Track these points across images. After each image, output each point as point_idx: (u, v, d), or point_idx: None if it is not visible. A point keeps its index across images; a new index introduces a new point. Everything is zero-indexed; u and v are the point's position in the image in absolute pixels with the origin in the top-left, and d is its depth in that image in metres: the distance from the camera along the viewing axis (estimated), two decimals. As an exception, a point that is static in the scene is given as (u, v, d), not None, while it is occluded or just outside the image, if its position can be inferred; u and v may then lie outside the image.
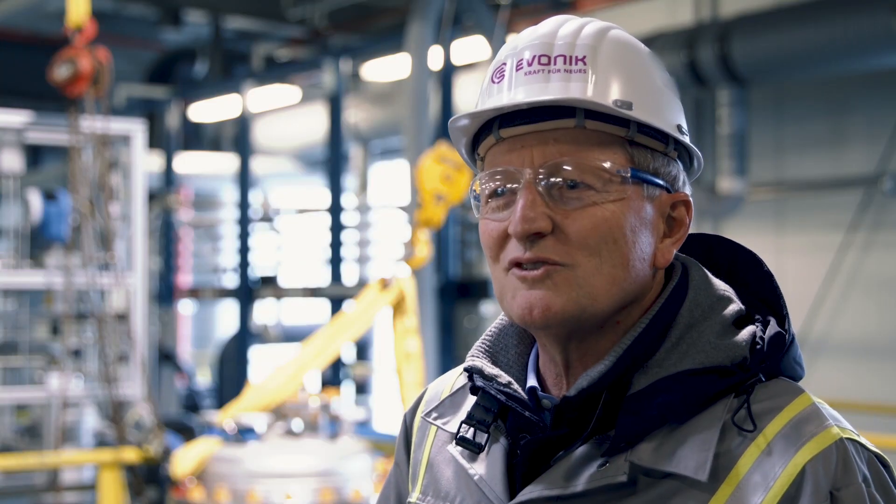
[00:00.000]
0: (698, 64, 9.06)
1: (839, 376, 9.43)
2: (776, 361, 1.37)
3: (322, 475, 7.02)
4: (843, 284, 9.45)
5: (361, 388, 13.82)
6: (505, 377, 1.43)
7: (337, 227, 12.31)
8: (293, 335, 13.02)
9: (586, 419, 1.35)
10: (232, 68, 14.52)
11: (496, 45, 9.81)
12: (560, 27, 1.40)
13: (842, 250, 9.42)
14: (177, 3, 12.71)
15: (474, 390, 1.46)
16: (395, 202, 12.65)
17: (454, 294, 11.08)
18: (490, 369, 1.44)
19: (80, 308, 8.98)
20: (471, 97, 11.12)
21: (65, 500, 8.76)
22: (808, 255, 9.77)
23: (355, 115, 12.86)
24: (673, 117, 1.41)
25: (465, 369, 1.47)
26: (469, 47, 11.30)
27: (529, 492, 1.35)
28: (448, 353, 10.90)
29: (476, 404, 1.44)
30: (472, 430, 1.43)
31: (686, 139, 1.41)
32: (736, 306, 1.40)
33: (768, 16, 8.87)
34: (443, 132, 10.68)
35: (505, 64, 1.40)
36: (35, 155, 15.36)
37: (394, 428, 10.39)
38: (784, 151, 10.18)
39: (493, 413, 1.43)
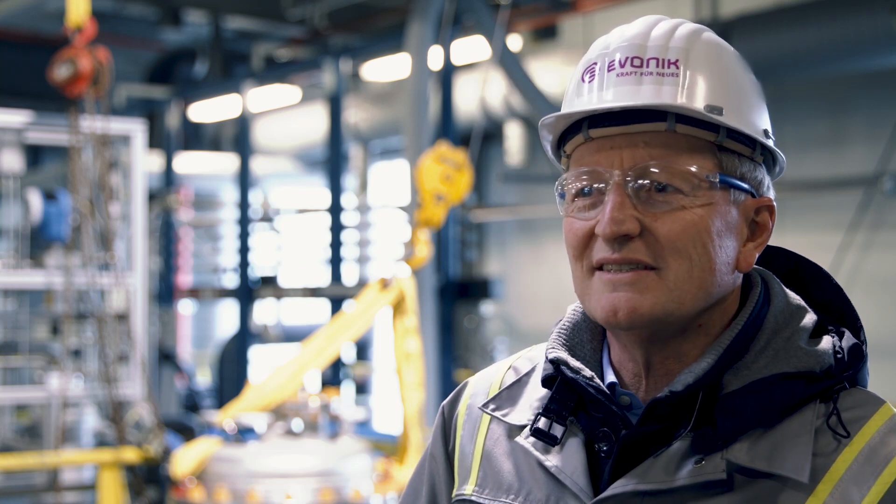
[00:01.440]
0: (698, 64, 9.05)
1: (839, 376, 9.44)
2: (857, 371, 1.43)
3: (322, 475, 7.02)
4: (843, 284, 9.42)
5: (361, 388, 13.82)
6: (588, 371, 1.44)
7: (337, 227, 12.31)
8: (293, 335, 13.02)
9: (674, 417, 1.37)
10: (232, 68, 14.52)
11: (496, 45, 9.81)
12: (652, 28, 1.41)
13: (842, 250, 9.42)
14: (177, 3, 12.71)
15: (547, 382, 1.47)
16: (395, 202, 12.65)
17: (454, 294, 11.08)
18: (574, 362, 1.45)
19: (80, 308, 8.97)
20: (471, 97, 11.12)
21: (65, 500, 8.75)
22: (808, 255, 9.73)
23: (355, 115, 12.86)
24: (760, 122, 1.43)
25: (550, 360, 1.47)
26: (469, 47, 11.30)
27: (623, 485, 1.35)
28: (448, 353, 10.90)
29: (553, 396, 1.45)
30: (546, 421, 1.43)
31: (771, 143, 1.43)
32: (812, 316, 1.44)
33: (768, 16, 8.87)
34: (443, 132, 10.68)
35: (595, 63, 1.41)
36: (35, 155, 15.35)
37: (394, 428, 10.40)
38: (784, 151, 10.10)
39: (570, 406, 1.44)
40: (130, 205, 9.42)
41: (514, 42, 11.40)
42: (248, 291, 13.41)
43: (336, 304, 11.80)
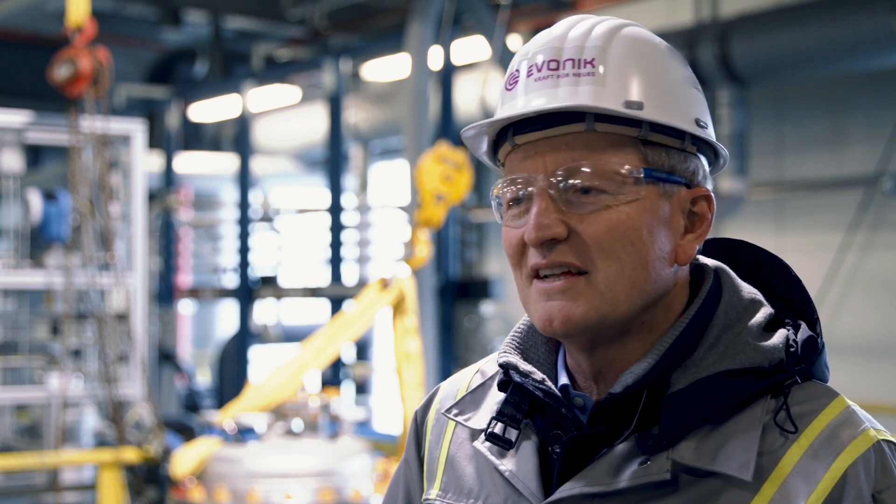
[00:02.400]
0: (698, 64, 9.06)
1: (839, 376, 9.38)
2: (810, 364, 1.38)
3: (322, 475, 7.02)
4: (843, 284, 9.46)
5: (361, 388, 13.82)
6: (539, 374, 1.43)
7: (337, 227, 12.31)
8: (293, 335, 13.02)
9: (622, 418, 1.36)
10: (232, 68, 14.52)
11: (496, 45, 9.81)
12: (571, 29, 1.40)
13: (842, 250, 9.42)
14: (177, 3, 12.71)
15: (503, 386, 1.46)
16: (395, 202, 12.65)
17: (454, 294, 11.08)
18: (524, 366, 1.44)
19: (80, 308, 8.97)
20: (471, 97, 11.12)
21: (65, 500, 8.75)
22: (807, 255, 9.77)
23: (355, 115, 12.85)
24: (691, 112, 1.40)
25: (500, 365, 1.46)
26: (469, 47, 11.30)
27: (569, 488, 1.35)
28: (448, 353, 10.90)
29: (506, 401, 1.44)
30: (501, 426, 1.43)
31: (706, 133, 1.40)
32: (767, 310, 1.41)
33: (768, 16, 8.87)
34: (443, 132, 10.68)
35: (518, 70, 1.40)
36: (35, 155, 15.36)
37: (394, 428, 10.40)
38: (784, 151, 10.19)
39: (524, 410, 1.43)
40: (130, 205, 9.42)
41: (514, 42, 11.39)
42: (248, 291, 13.41)
43: (336, 304, 11.79)
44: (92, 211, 8.63)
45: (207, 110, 15.09)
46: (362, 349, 13.62)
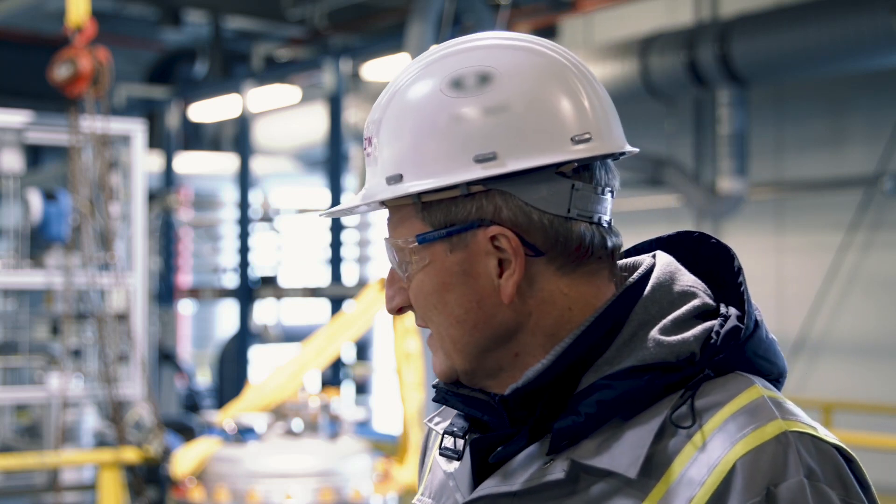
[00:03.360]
0: (698, 64, 9.06)
1: (839, 376, 9.43)
2: (729, 356, 1.32)
3: (322, 475, 7.03)
4: (843, 284, 9.46)
5: (361, 388, 13.83)
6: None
7: (337, 227, 12.31)
8: (293, 335, 13.02)
9: (542, 417, 1.35)
10: (232, 68, 14.52)
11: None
12: (380, 95, 1.45)
13: (841, 250, 9.42)
14: (177, 3, 12.71)
15: (440, 400, 1.47)
16: (395, 202, 12.64)
17: (454, 294, 11.07)
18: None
19: (80, 308, 8.97)
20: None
21: (65, 500, 8.75)
22: (807, 255, 9.77)
23: (355, 115, 12.86)
24: (465, 154, 1.32)
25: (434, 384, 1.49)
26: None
27: (482, 488, 1.37)
28: (448, 353, 10.90)
29: (457, 413, 1.46)
30: (451, 439, 1.44)
31: (488, 168, 1.31)
32: (698, 301, 1.36)
33: (768, 16, 8.87)
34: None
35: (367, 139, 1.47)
36: (35, 155, 15.35)
37: (394, 428, 10.40)
38: (784, 151, 10.19)
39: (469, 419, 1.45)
40: (130, 205, 9.42)
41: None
42: (248, 291, 13.42)
43: (336, 304, 11.80)
44: (92, 211, 8.63)
45: (207, 110, 15.09)
46: (362, 349, 13.63)
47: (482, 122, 1.32)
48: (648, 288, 1.36)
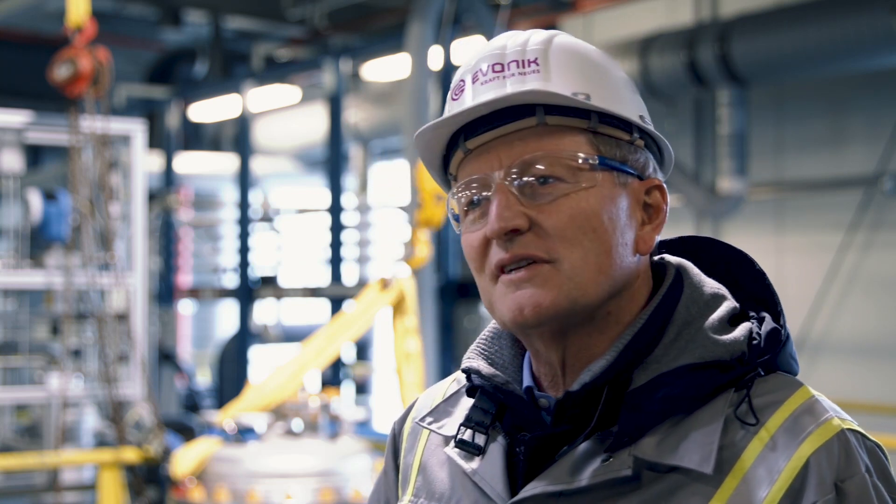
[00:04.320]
0: (698, 64, 9.06)
1: (839, 376, 9.43)
2: (773, 357, 1.38)
3: (322, 475, 7.02)
4: (843, 284, 9.46)
5: (361, 388, 13.82)
6: (502, 377, 1.44)
7: (337, 227, 12.31)
8: (293, 335, 13.02)
9: (587, 416, 1.36)
10: (232, 68, 14.52)
11: (496, 45, 9.81)
12: (510, 39, 1.43)
13: (841, 250, 9.42)
14: (177, 3, 12.71)
15: (471, 392, 1.48)
16: (395, 202, 12.65)
17: (454, 294, 11.08)
18: (487, 369, 1.45)
19: (80, 308, 8.97)
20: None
21: (65, 500, 8.75)
22: (807, 255, 9.77)
23: (355, 115, 12.86)
24: (634, 108, 1.42)
25: (463, 370, 1.48)
26: (469, 47, 11.30)
27: (532, 488, 1.35)
28: (448, 353, 10.90)
29: (474, 406, 1.46)
30: (470, 431, 1.44)
31: (650, 127, 1.42)
32: (730, 303, 1.42)
33: (768, 16, 8.87)
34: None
35: (463, 80, 1.43)
36: (35, 155, 15.35)
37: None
38: (784, 151, 10.19)
39: (491, 414, 1.44)
40: (130, 205, 9.43)
41: (514, 42, 11.39)
42: (248, 291, 13.41)
43: (336, 304, 11.80)
44: (92, 211, 8.63)
45: (207, 110, 15.09)
46: (362, 349, 13.62)
47: (636, 93, 1.45)
48: (686, 288, 1.42)
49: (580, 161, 1.37)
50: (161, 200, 13.85)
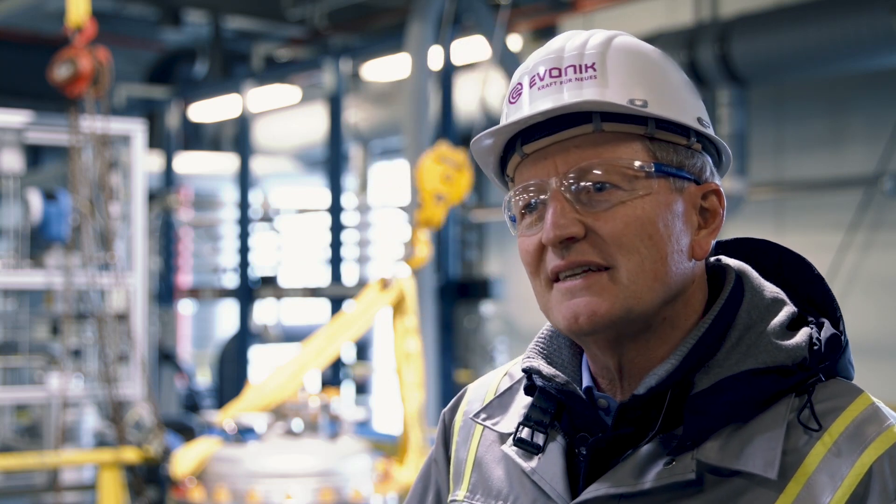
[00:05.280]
0: (698, 64, 9.06)
1: (839, 376, 9.42)
2: (834, 362, 1.39)
3: (322, 475, 7.02)
4: (843, 284, 9.45)
5: (361, 388, 13.82)
6: (563, 377, 1.44)
7: (337, 227, 12.31)
8: (293, 335, 13.02)
9: (648, 419, 1.37)
10: (232, 68, 14.52)
11: (496, 45, 9.81)
12: (567, 41, 1.43)
13: (842, 250, 9.42)
14: (177, 3, 12.71)
15: (530, 391, 1.48)
16: (395, 202, 12.66)
17: (454, 294, 11.08)
18: (548, 369, 1.45)
19: (80, 308, 8.97)
20: (471, 97, 11.12)
21: (65, 500, 8.75)
22: (807, 255, 9.71)
23: (355, 115, 12.86)
24: (693, 111, 1.42)
25: (524, 370, 1.48)
26: (469, 47, 11.30)
27: (595, 489, 1.36)
28: (448, 353, 10.90)
29: (532, 405, 1.46)
30: (528, 430, 1.44)
31: (709, 131, 1.42)
32: (790, 308, 1.42)
33: (768, 16, 8.87)
34: (443, 132, 10.68)
35: (521, 84, 1.43)
36: (35, 155, 15.36)
37: (394, 428, 10.40)
38: (784, 151, 10.19)
39: (550, 414, 1.45)
40: (130, 205, 9.42)
41: (514, 42, 11.39)
42: (248, 291, 13.42)
43: (336, 304, 11.80)
44: (92, 211, 8.63)
45: (207, 110, 15.09)
46: (362, 349, 13.63)
47: (695, 94, 1.46)
48: (747, 293, 1.42)
49: (636, 168, 1.37)
50: (161, 200, 13.85)
